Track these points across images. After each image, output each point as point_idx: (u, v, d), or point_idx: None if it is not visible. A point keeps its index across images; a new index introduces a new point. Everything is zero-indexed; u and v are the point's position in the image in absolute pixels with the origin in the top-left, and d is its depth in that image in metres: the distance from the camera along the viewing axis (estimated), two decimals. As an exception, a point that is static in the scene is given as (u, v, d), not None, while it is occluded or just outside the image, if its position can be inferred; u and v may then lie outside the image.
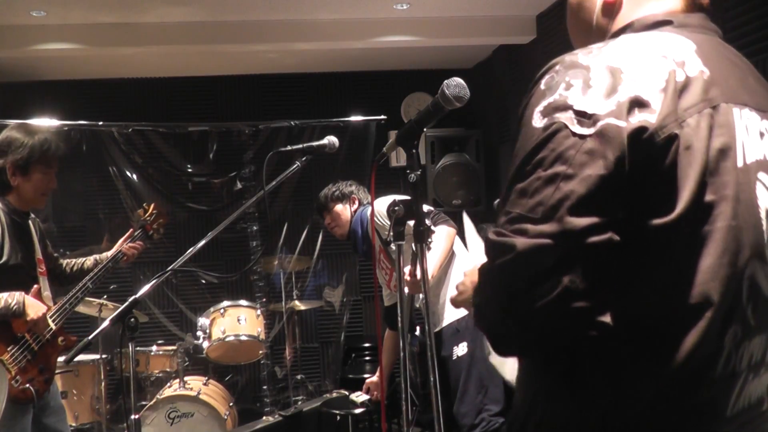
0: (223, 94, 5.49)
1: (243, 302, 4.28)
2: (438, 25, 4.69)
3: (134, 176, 5.07)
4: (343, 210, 3.38)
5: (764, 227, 0.91)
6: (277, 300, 4.72)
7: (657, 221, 0.83)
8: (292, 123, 4.71)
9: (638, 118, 0.83)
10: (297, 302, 4.73)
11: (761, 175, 0.92)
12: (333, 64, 5.41)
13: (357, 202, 3.39)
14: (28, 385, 2.42)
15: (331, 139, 2.39)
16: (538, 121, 0.88)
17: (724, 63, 0.96)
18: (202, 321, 4.20)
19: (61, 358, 2.61)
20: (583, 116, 0.85)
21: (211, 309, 4.22)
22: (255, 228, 4.80)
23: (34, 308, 2.40)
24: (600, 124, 0.84)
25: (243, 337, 4.09)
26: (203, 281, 5.12)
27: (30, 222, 2.62)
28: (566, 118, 0.86)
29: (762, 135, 0.94)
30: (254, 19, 4.53)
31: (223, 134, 5.16)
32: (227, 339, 4.05)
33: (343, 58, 5.23)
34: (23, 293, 2.41)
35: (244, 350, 4.21)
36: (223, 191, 5.23)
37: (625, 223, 0.83)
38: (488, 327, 0.92)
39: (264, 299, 4.77)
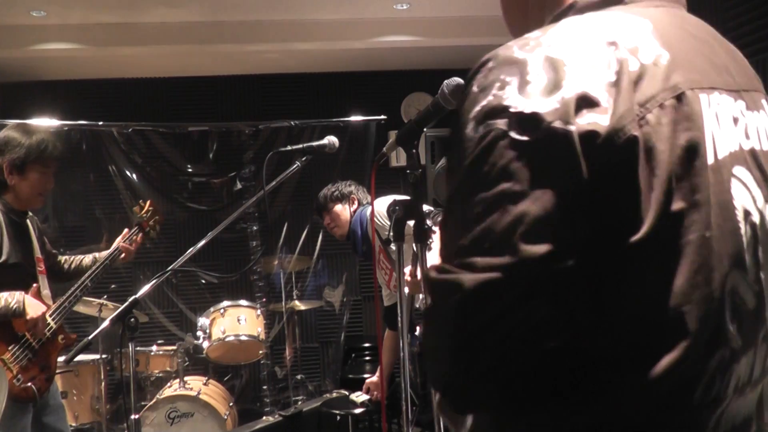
0: (223, 94, 5.49)
1: (243, 302, 4.28)
2: (438, 25, 4.69)
3: (134, 176, 5.07)
4: (343, 210, 3.38)
5: (743, 230, 0.78)
6: (277, 300, 4.72)
7: (625, 240, 0.71)
8: (292, 123, 4.72)
9: (587, 120, 0.70)
10: (297, 302, 4.73)
11: (737, 170, 0.79)
12: (333, 64, 5.41)
13: (356, 203, 3.39)
14: (30, 384, 2.43)
15: (331, 139, 2.39)
16: (472, 131, 0.74)
17: (687, 40, 0.82)
18: (202, 321, 4.20)
19: (61, 358, 2.61)
20: (522, 118, 0.71)
21: (211, 309, 4.22)
22: (255, 228, 4.79)
23: (34, 308, 2.41)
24: (544, 127, 0.70)
25: (243, 337, 4.09)
26: (203, 281, 5.13)
27: (28, 221, 2.63)
28: (503, 122, 0.72)
29: (736, 120, 0.81)
30: (254, 19, 4.54)
31: (223, 134, 5.16)
32: (227, 339, 4.05)
33: (343, 58, 5.24)
34: (23, 293, 2.41)
35: (244, 350, 4.22)
36: (223, 191, 5.24)
37: (589, 245, 0.70)
38: (444, 382, 0.76)
39: (264, 299, 4.77)
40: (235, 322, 4.12)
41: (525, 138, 0.70)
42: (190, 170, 5.24)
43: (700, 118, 0.76)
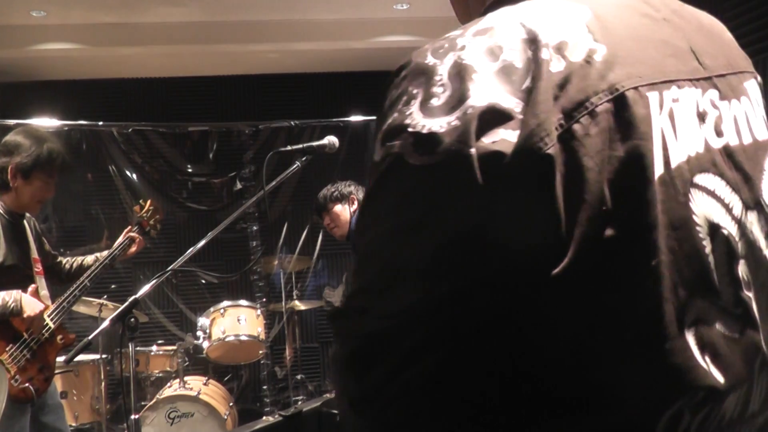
0: (223, 94, 5.50)
1: (243, 302, 4.28)
2: (438, 25, 4.68)
3: (134, 176, 5.08)
4: (342, 210, 3.38)
5: (707, 249, 0.65)
6: (277, 300, 4.72)
7: (544, 274, 0.59)
8: (292, 123, 4.72)
9: (493, 138, 0.59)
10: (297, 302, 4.73)
11: (700, 178, 0.66)
12: (333, 64, 5.41)
13: (356, 203, 3.39)
14: (27, 384, 2.43)
15: (331, 139, 2.39)
16: (377, 153, 0.65)
17: (640, 26, 0.68)
18: (202, 321, 4.20)
19: (60, 358, 2.61)
20: (418, 140, 0.61)
21: (211, 309, 4.22)
22: (255, 228, 4.80)
23: (31, 306, 2.41)
24: (441, 149, 0.60)
25: (243, 337, 4.09)
26: (203, 281, 5.13)
27: (25, 221, 2.63)
28: (401, 145, 0.62)
29: (703, 116, 0.68)
30: (254, 19, 4.54)
31: (223, 134, 5.17)
32: (227, 339, 4.05)
33: (343, 58, 5.24)
34: (20, 291, 2.42)
35: (244, 350, 4.22)
36: (223, 191, 5.24)
37: (499, 281, 0.60)
38: None
39: (264, 299, 4.78)
40: (235, 322, 4.11)
41: (419, 163, 0.61)
42: (190, 170, 5.24)
43: (645, 122, 0.62)
